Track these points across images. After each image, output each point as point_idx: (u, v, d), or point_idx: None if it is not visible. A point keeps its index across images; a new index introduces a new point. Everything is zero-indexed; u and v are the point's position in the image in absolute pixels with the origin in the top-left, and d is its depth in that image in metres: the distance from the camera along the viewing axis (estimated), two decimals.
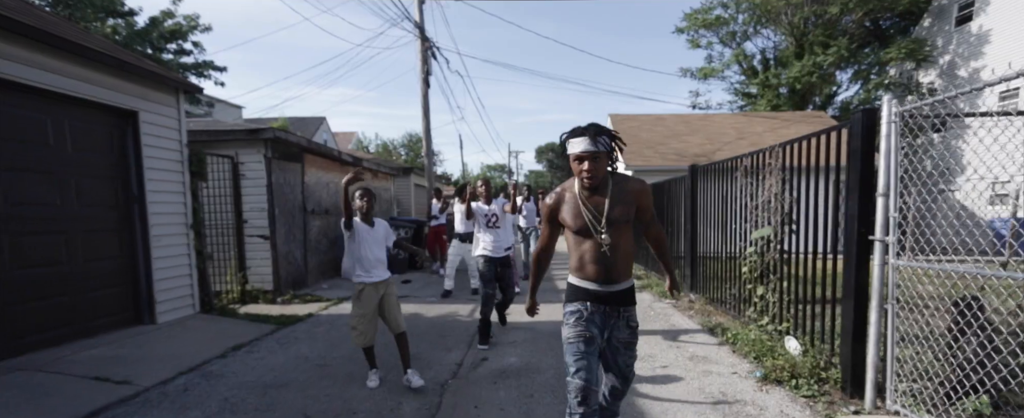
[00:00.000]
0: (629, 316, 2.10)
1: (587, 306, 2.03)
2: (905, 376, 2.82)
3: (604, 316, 2.04)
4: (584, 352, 1.96)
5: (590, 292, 2.04)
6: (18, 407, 2.98)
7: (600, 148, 1.96)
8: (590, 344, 1.99)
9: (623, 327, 2.08)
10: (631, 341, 2.13)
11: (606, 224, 1.98)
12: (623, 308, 2.07)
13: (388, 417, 2.97)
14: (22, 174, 3.76)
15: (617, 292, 2.05)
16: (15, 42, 3.60)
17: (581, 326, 2.00)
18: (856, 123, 3.08)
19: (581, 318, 2.02)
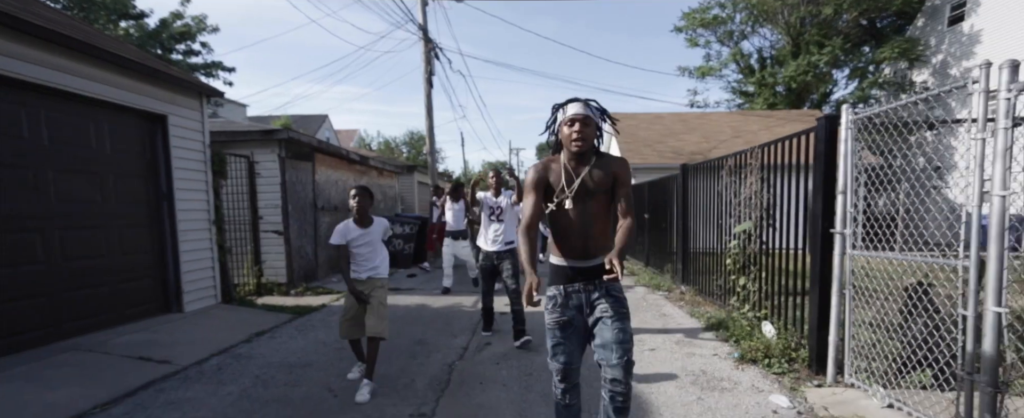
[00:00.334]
0: (610, 286, 2.04)
1: (562, 290, 2.06)
2: (862, 354, 3.19)
3: (581, 295, 2.04)
4: (560, 337, 2.04)
5: (566, 272, 2.06)
6: (80, 381, 3.37)
7: (592, 113, 2.01)
8: (566, 328, 2.04)
9: (604, 299, 2.02)
10: (618, 311, 2.01)
11: (582, 192, 2.01)
12: (600, 280, 2.02)
13: (403, 392, 3.34)
14: (70, 174, 4.14)
15: (594, 267, 2.03)
16: (63, 54, 3.97)
17: (557, 313, 2.05)
18: (820, 128, 3.45)
19: (556, 304, 2.06)
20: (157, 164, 5.06)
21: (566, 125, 2.02)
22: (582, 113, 1.99)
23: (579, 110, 1.99)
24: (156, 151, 5.05)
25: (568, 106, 2.03)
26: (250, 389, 3.42)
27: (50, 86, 3.88)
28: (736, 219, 4.90)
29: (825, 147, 3.40)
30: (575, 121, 1.99)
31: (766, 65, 19.20)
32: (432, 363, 3.95)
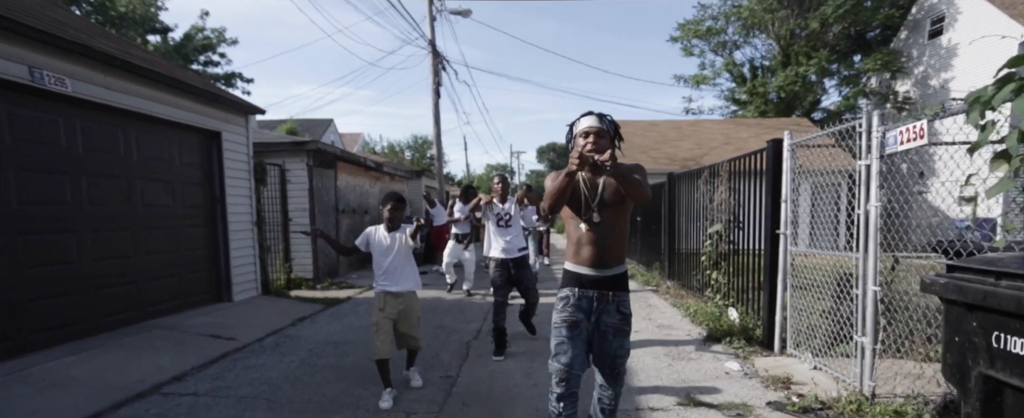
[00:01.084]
0: (620, 301, 2.06)
1: (575, 292, 2.05)
2: (801, 332, 3.99)
3: (592, 301, 2.04)
4: (567, 337, 2.01)
5: (580, 277, 2.06)
6: (174, 352, 4.19)
7: (605, 127, 2.03)
8: (574, 329, 2.01)
9: (613, 312, 2.04)
10: (621, 328, 2.05)
11: (599, 204, 2.02)
12: (614, 293, 2.05)
13: (432, 361, 4.14)
14: (151, 183, 4.96)
15: (608, 277, 2.04)
16: (152, 85, 4.80)
17: (567, 311, 2.04)
18: (768, 149, 4.26)
19: (568, 303, 2.05)
20: (212, 173, 5.88)
21: (581, 137, 2.04)
22: (595, 126, 2.02)
23: (592, 123, 2.03)
24: (212, 162, 5.87)
25: (581, 120, 2.07)
26: (307, 359, 4.23)
27: (141, 112, 4.71)
28: (710, 222, 5.72)
29: (772, 164, 4.22)
30: (589, 133, 2.01)
31: (757, 75, 20.06)
32: (452, 342, 4.76)
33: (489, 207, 4.52)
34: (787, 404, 3.09)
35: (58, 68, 3.87)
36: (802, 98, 18.58)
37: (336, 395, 3.40)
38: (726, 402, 3.16)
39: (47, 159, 3.95)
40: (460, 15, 13.96)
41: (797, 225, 4.00)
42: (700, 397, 3.24)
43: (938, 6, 16.14)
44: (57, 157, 4.02)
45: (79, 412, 3.01)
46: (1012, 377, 1.25)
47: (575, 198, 2.06)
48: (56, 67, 3.85)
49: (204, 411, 3.13)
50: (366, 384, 3.56)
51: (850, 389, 3.15)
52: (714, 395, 3.29)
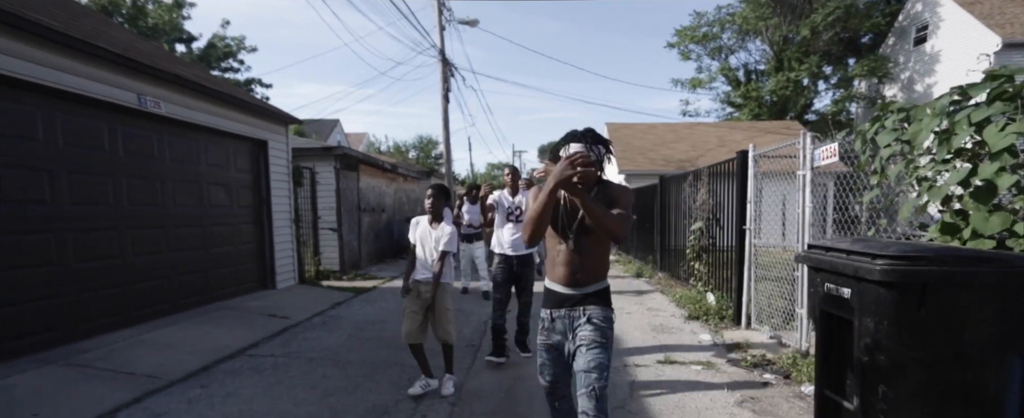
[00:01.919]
0: (591, 314, 2.02)
1: (550, 314, 2.09)
2: (764, 310, 4.84)
3: (565, 320, 2.06)
4: (545, 359, 2.10)
5: (555, 296, 2.08)
6: (242, 327, 5.06)
7: (594, 155, 1.95)
8: (551, 351, 2.09)
9: (584, 325, 2.01)
10: (594, 340, 1.98)
11: (577, 229, 1.99)
12: (587, 306, 2.03)
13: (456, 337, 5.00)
14: (215, 187, 5.83)
15: (578, 295, 2.04)
16: (220, 104, 5.67)
17: (543, 335, 2.10)
18: (737, 159, 5.11)
19: (544, 327, 2.10)
20: (260, 177, 6.75)
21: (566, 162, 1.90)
22: (583, 154, 1.87)
23: (579, 150, 1.93)
24: (259, 167, 6.74)
25: (569, 147, 1.98)
26: (352, 333, 5.10)
27: (209, 126, 5.58)
28: (694, 220, 6.57)
29: (739, 171, 5.06)
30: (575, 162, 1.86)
31: (751, 79, 20.89)
32: (472, 322, 5.61)
33: (490, 203, 4.38)
34: (741, 361, 3.95)
35: (155, 93, 4.73)
36: (794, 101, 19.40)
37: (384, 358, 4.27)
38: (695, 360, 4.02)
39: (148, 169, 4.82)
40: (468, 24, 14.80)
41: (760, 222, 4.85)
42: (675, 357, 4.09)
43: (922, 15, 16.93)
44: (154, 167, 4.89)
45: (193, 365, 3.89)
46: (831, 309, 2.09)
47: (554, 219, 2.02)
48: (154, 93, 4.72)
49: (284, 368, 4.00)
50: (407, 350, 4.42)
51: (791, 349, 4.01)
52: (687, 355, 4.15)
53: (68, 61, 3.88)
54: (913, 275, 1.76)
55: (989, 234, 2.08)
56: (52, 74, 3.77)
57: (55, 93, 3.85)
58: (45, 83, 3.71)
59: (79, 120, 4.12)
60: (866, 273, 1.85)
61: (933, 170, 2.33)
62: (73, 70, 3.93)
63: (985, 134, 2.05)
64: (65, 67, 3.86)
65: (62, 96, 3.90)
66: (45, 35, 3.62)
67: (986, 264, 1.75)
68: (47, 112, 3.85)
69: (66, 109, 3.99)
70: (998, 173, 2.03)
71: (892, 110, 2.70)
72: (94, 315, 4.22)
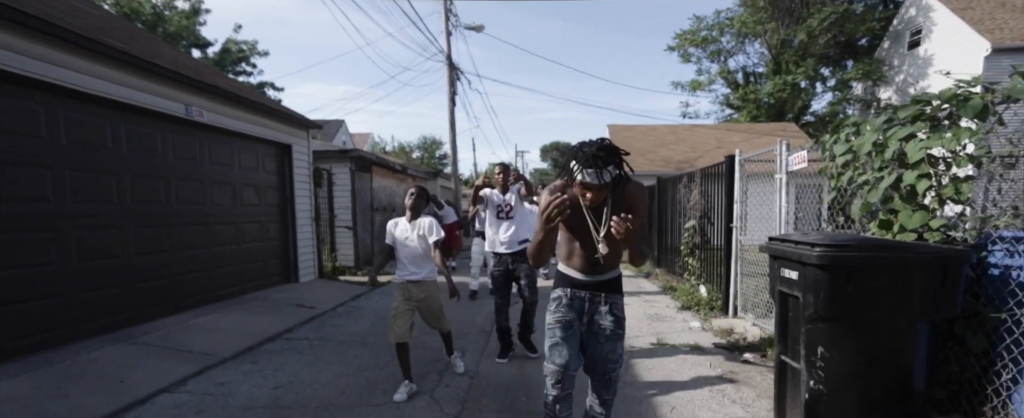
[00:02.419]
0: (613, 303, 2.04)
1: (568, 292, 2.06)
2: (750, 301, 5.33)
3: (584, 301, 2.04)
4: (561, 337, 2.00)
5: (572, 280, 2.07)
6: (272, 315, 5.57)
7: (607, 181, 1.84)
8: (568, 329, 2.01)
9: (605, 314, 2.03)
10: (614, 332, 2.03)
11: (603, 237, 1.94)
12: (606, 294, 2.05)
13: (470, 324, 5.51)
14: (246, 187, 6.35)
15: (600, 281, 2.04)
16: (253, 111, 6.19)
17: (560, 312, 2.03)
18: (726, 163, 5.60)
19: (560, 304, 2.05)
20: (284, 178, 7.27)
21: (579, 186, 1.90)
22: (596, 184, 1.83)
23: (592, 180, 1.82)
24: (284, 169, 7.26)
25: (584, 172, 1.84)
26: (375, 321, 5.61)
27: (243, 132, 6.11)
28: (687, 219, 7.06)
29: (727, 174, 5.56)
30: (589, 188, 1.87)
31: (749, 81, 21.36)
32: (482, 310, 6.12)
33: (482, 201, 4.24)
34: (726, 343, 4.45)
35: (199, 103, 5.26)
36: (792, 104, 19.85)
37: None
38: (685, 343, 4.52)
39: (192, 172, 5.34)
40: (474, 30, 15.29)
41: (746, 220, 5.34)
42: (667, 341, 4.59)
43: (916, 19, 17.36)
44: (197, 170, 5.42)
45: (240, 346, 4.41)
46: (785, 288, 2.59)
47: (577, 232, 2.02)
48: (197, 103, 5.24)
49: (319, 349, 4.51)
50: (427, 334, 4.93)
51: (769, 333, 4.51)
52: (678, 337, 4.66)
53: (133, 78, 4.41)
54: (841, 260, 2.26)
55: (912, 228, 2.58)
56: (122, 90, 4.30)
57: (123, 106, 4.37)
58: (116, 98, 4.24)
59: (139, 129, 4.64)
60: (807, 258, 2.35)
61: (873, 176, 2.83)
62: (137, 85, 4.45)
63: (907, 147, 2.55)
64: (131, 83, 4.39)
65: (127, 108, 4.43)
66: (118, 56, 4.14)
67: (893, 251, 2.25)
68: (115, 123, 4.37)
69: (130, 120, 4.51)
70: (918, 179, 2.53)
71: (847, 124, 3.19)
72: (149, 302, 4.75)
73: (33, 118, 3.66)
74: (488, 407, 3.18)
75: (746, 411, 3.03)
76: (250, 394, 3.40)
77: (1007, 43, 14.16)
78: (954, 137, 2.33)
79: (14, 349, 3.49)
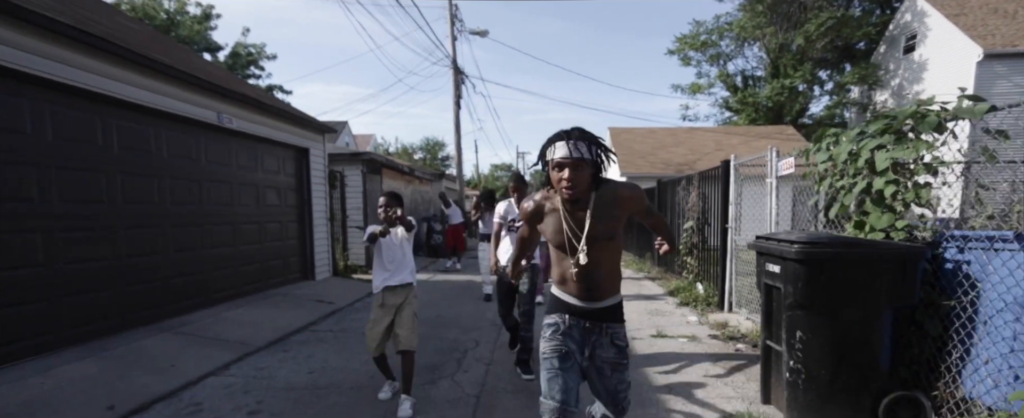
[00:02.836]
0: (614, 333, 1.90)
1: (565, 319, 1.89)
2: (744, 297, 5.68)
3: (584, 331, 1.89)
4: (559, 369, 1.83)
5: (570, 306, 1.90)
6: (295, 310, 5.94)
7: (582, 155, 1.71)
8: (566, 360, 1.84)
9: (607, 345, 1.89)
10: (618, 362, 1.90)
11: (586, 243, 1.77)
12: (607, 324, 1.89)
13: (482, 317, 5.86)
14: (269, 189, 6.72)
15: (599, 309, 1.88)
16: (278, 118, 6.55)
17: (556, 341, 1.87)
18: (722, 167, 5.95)
19: (557, 331, 1.88)
20: (302, 181, 7.64)
21: (554, 169, 1.76)
22: (569, 158, 1.70)
23: (565, 153, 1.71)
24: (302, 172, 7.62)
25: (554, 146, 1.76)
26: None
27: (266, 137, 6.47)
28: (686, 219, 7.42)
29: (723, 177, 5.92)
30: (563, 166, 1.73)
31: (748, 85, 21.75)
32: (492, 307, 6.48)
33: (504, 206, 4.11)
34: (719, 335, 4.81)
35: (228, 111, 5.62)
36: (790, 107, 20.23)
37: (425, 333, 5.10)
38: (682, 334, 4.88)
39: (222, 175, 5.70)
40: (478, 35, 15.68)
41: (741, 221, 5.70)
42: (666, 333, 4.95)
43: (911, 24, 17.73)
44: (226, 174, 5.78)
45: (271, 337, 4.77)
46: (769, 280, 2.94)
47: (554, 235, 1.87)
48: (227, 110, 5.61)
49: (343, 340, 4.87)
50: (443, 326, 5.29)
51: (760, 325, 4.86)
52: (676, 330, 5.02)
53: (176, 89, 4.77)
54: (815, 255, 2.62)
55: (880, 228, 2.94)
56: (165, 100, 4.66)
57: (165, 115, 4.74)
58: (160, 107, 4.61)
59: (178, 136, 5.01)
60: (787, 253, 2.72)
61: (848, 182, 3.19)
62: (178, 96, 4.82)
63: (876, 157, 2.91)
64: (173, 94, 4.75)
65: (169, 117, 4.80)
66: (163, 70, 4.51)
67: (859, 247, 2.61)
68: (158, 130, 4.74)
69: (170, 127, 4.87)
70: (886, 185, 2.89)
71: (827, 135, 3.55)
72: (185, 297, 5.11)
73: (91, 128, 4.03)
74: (505, 389, 3.54)
75: (736, 392, 3.39)
76: (288, 377, 3.76)
77: (998, 49, 14.52)
78: (914, 148, 2.69)
79: (74, 336, 3.85)
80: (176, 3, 14.86)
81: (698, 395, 3.34)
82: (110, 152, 4.20)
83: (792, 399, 2.80)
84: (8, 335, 3.35)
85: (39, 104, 3.58)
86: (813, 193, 3.66)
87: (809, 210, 3.85)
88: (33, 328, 3.55)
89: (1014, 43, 14.77)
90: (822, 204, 3.64)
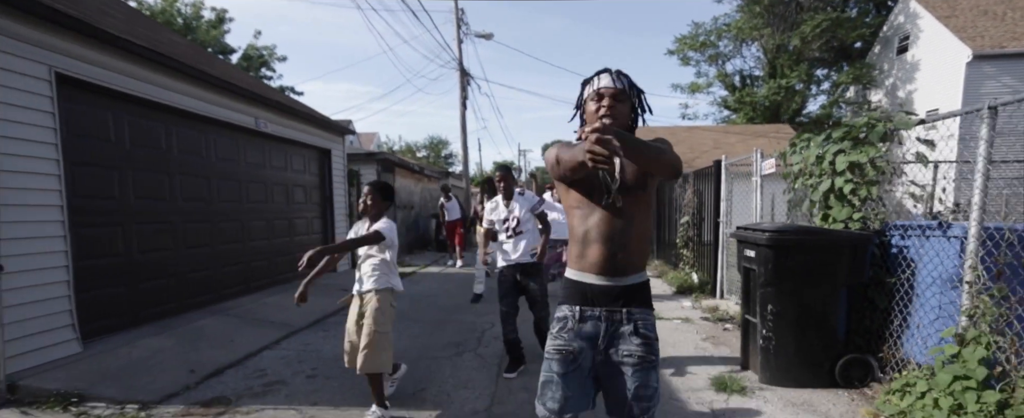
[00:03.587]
0: (639, 320, 1.53)
1: (577, 311, 1.55)
2: (734, 285, 6.22)
3: (598, 322, 1.53)
4: (558, 372, 1.53)
5: (585, 289, 1.55)
6: (324, 298, 6.50)
7: (625, 88, 1.55)
8: (569, 362, 1.53)
9: (629, 336, 1.51)
10: (644, 358, 1.51)
11: (622, 187, 1.45)
12: (631, 309, 1.53)
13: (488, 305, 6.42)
14: (296, 188, 7.28)
15: (622, 287, 1.52)
16: (305, 122, 7.11)
17: (563, 338, 1.55)
18: (715, 166, 6.50)
19: (564, 328, 1.56)
20: (325, 179, 8.20)
21: (593, 101, 1.56)
22: (612, 87, 1.52)
23: (608, 83, 1.55)
24: (325, 171, 8.19)
25: (597, 78, 1.59)
26: (413, 302, 6.52)
27: (294, 139, 7.04)
28: (682, 215, 7.97)
29: (715, 175, 6.47)
30: (603, 96, 1.53)
31: (746, 85, 22.25)
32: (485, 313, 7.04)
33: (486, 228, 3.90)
34: (710, 317, 5.37)
35: (263, 116, 6.18)
36: (787, 106, 20.73)
37: (444, 317, 5.70)
38: (677, 316, 5.44)
39: (258, 175, 6.27)
40: (484, 38, 16.19)
41: (732, 216, 6.24)
42: (662, 315, 5.51)
43: (904, 26, 18.21)
44: (261, 174, 6.34)
45: (309, 319, 5.34)
46: (747, 264, 3.50)
47: (587, 181, 1.55)
48: (262, 115, 6.17)
49: None
50: (458, 312, 5.86)
51: None
52: (672, 313, 5.58)
53: (223, 98, 5.33)
54: (781, 241, 3.17)
55: (841, 220, 3.49)
56: (214, 108, 5.23)
57: (213, 121, 5.30)
58: (208, 115, 5.17)
59: (223, 140, 5.57)
60: (759, 241, 3.27)
61: (815, 180, 3.74)
62: (223, 104, 5.38)
63: (837, 160, 3.46)
64: (220, 102, 5.31)
65: (216, 123, 5.36)
66: (213, 81, 5.06)
67: (818, 235, 3.17)
68: (206, 135, 5.30)
69: (215, 132, 5.44)
70: (845, 183, 3.44)
71: (800, 140, 4.10)
72: (230, 284, 5.68)
73: (157, 135, 4.59)
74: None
75: (723, 363, 3.94)
76: (333, 351, 4.33)
77: (987, 50, 15.01)
78: (865, 152, 3.24)
79: (148, 316, 4.42)
80: (192, 9, 15.40)
81: (689, 364, 3.90)
82: (171, 155, 4.76)
83: (764, 362, 3.36)
84: (99, 313, 3.91)
85: (119, 115, 4.14)
86: (790, 190, 4.21)
87: (788, 204, 4.39)
88: (117, 308, 4.11)
89: (1002, 44, 15.27)
90: (796, 199, 4.19)
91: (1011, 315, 2.31)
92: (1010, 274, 2.37)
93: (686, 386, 3.39)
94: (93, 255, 3.85)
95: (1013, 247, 2.37)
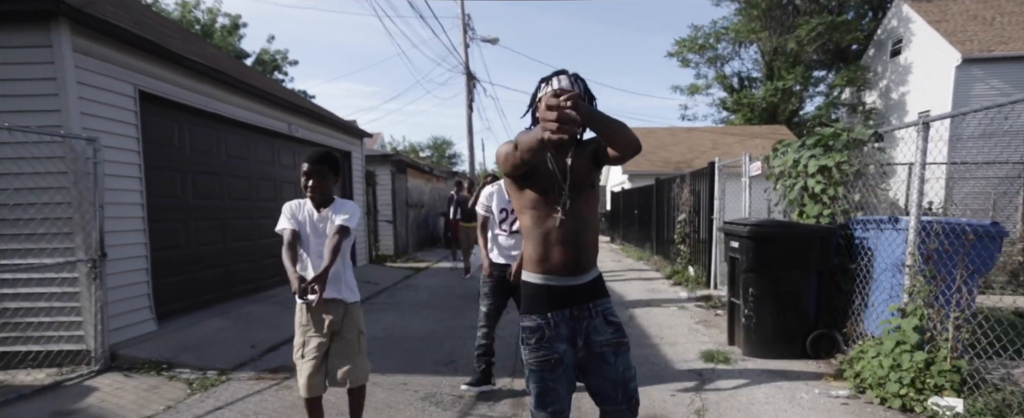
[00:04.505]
0: (605, 310, 1.67)
1: (549, 319, 1.62)
2: (725, 277, 6.77)
3: (572, 322, 1.64)
4: (550, 382, 1.62)
5: (552, 292, 1.62)
6: None
7: (580, 93, 1.59)
8: (556, 369, 1.61)
9: (601, 326, 1.65)
10: (619, 341, 1.66)
11: (570, 188, 1.58)
12: (594, 302, 1.66)
13: None
14: None
15: (585, 285, 1.65)
16: (329, 127, 7.68)
17: (543, 350, 1.61)
18: (710, 167, 7.05)
19: (542, 338, 1.62)
20: (345, 180, 8.76)
21: (549, 99, 1.31)
22: (570, 90, 1.30)
23: (567, 85, 1.58)
24: (345, 172, 8.75)
25: (556, 79, 1.61)
26: (430, 293, 7.10)
27: (318, 143, 7.61)
28: (680, 213, 8.53)
29: (709, 175, 7.02)
30: (561, 95, 1.32)
31: (744, 86, 22.80)
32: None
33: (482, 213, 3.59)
34: (703, 305, 5.93)
35: (294, 121, 6.75)
36: (784, 107, 21.27)
37: (462, 305, 6.26)
38: (674, 305, 6.00)
39: (289, 176, 6.84)
40: (489, 42, 16.73)
41: (725, 213, 6.80)
42: (659, 302, 6.07)
43: (897, 30, 18.74)
44: (291, 175, 6.91)
45: None
46: (732, 253, 4.04)
47: (542, 178, 1.60)
48: (293, 121, 6.73)
49: (399, 310, 6.00)
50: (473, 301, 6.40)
51: None
52: (668, 301, 6.14)
53: (263, 107, 5.90)
54: (760, 233, 3.73)
55: (813, 216, 4.04)
56: (255, 116, 5.79)
57: (254, 128, 5.87)
58: (251, 122, 5.73)
59: (261, 144, 6.14)
60: (742, 233, 3.83)
61: (792, 181, 4.30)
62: (264, 112, 5.95)
63: (810, 163, 4.02)
64: (260, 111, 5.88)
65: (257, 129, 5.92)
66: (257, 93, 5.63)
67: (791, 228, 3.73)
68: (249, 140, 5.86)
69: (255, 137, 6.00)
70: (816, 184, 4.00)
71: (781, 145, 4.65)
72: (267, 276, 6.25)
73: (210, 141, 5.16)
74: None
75: (711, 340, 4.50)
76: (369, 332, 4.83)
77: (976, 53, 15.54)
78: (831, 158, 3.80)
79: (205, 302, 4.99)
80: (208, 15, 15.97)
81: (682, 341, 4.45)
82: (221, 159, 5.33)
83: (747, 337, 3.92)
84: (168, 298, 4.48)
85: (182, 125, 4.70)
86: (773, 189, 4.77)
87: (768, 202, 4.95)
88: (181, 294, 4.68)
89: (991, 48, 15.79)
90: (777, 197, 4.75)
91: (936, 290, 2.86)
92: (937, 258, 2.92)
93: (679, 358, 3.95)
94: (164, 247, 4.41)
95: (939, 237, 2.92)
